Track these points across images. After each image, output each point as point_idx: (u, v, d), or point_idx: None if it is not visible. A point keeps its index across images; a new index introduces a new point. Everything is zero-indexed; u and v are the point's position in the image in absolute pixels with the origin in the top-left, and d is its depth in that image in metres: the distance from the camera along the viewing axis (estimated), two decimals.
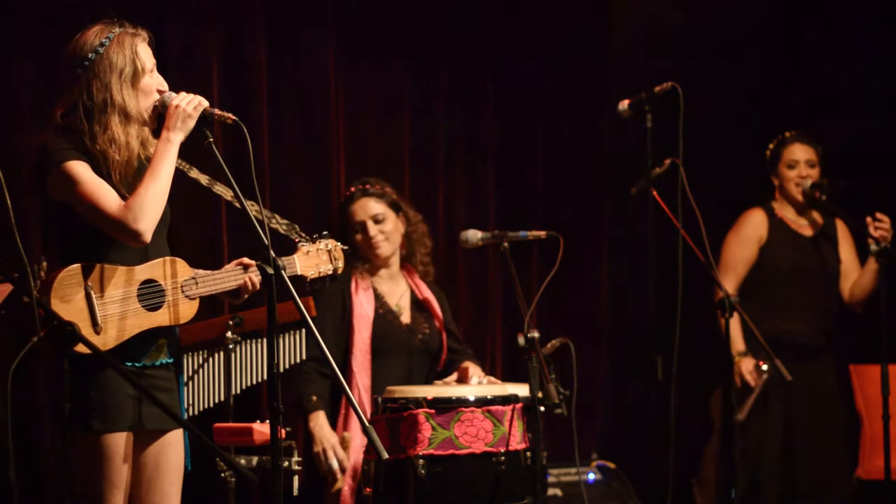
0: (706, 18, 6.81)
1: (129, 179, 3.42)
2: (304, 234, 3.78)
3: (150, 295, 3.42)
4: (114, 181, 3.40)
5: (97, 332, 3.31)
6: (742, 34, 6.74)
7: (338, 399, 4.82)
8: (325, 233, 3.81)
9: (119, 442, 3.38)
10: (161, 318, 3.42)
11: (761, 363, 5.21)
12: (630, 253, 5.74)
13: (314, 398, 4.74)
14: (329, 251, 3.76)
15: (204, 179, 3.72)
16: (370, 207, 4.95)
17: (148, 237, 3.37)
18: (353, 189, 5.04)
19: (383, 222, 4.94)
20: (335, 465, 4.68)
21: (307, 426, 4.77)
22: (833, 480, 5.52)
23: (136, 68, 3.45)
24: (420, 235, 5.09)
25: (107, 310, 3.34)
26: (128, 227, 3.33)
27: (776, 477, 5.46)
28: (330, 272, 3.75)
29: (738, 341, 5.43)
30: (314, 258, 3.73)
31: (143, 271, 3.42)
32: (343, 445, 4.70)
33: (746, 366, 5.37)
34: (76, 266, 3.33)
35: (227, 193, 3.65)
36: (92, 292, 3.32)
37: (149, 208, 3.34)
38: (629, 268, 6.16)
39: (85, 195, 3.34)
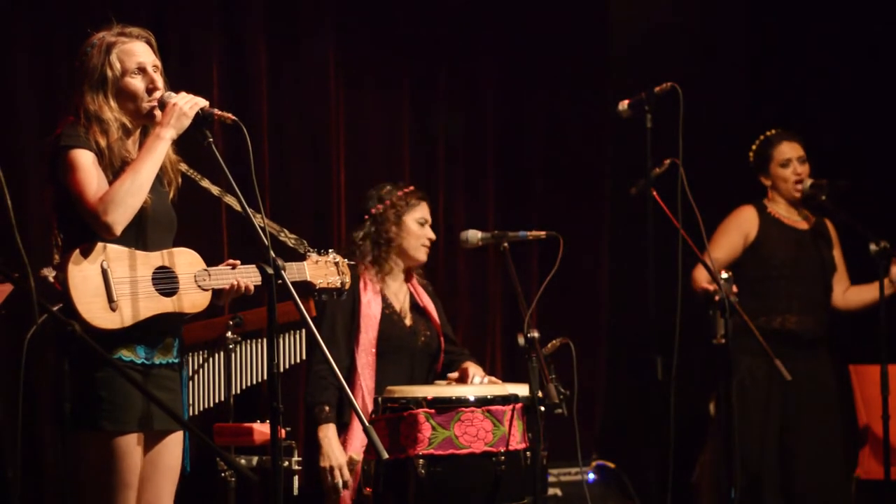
0: (705, 18, 6.83)
1: None
2: (311, 249, 3.83)
3: (165, 281, 3.44)
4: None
5: (113, 309, 3.32)
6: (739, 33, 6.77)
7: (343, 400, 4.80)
8: (332, 249, 3.86)
9: (131, 442, 3.39)
10: (174, 304, 3.44)
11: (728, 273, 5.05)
12: (630, 253, 5.73)
13: (327, 408, 4.67)
14: (337, 264, 3.82)
15: (215, 190, 3.74)
16: (428, 213, 4.97)
17: (118, 230, 3.34)
18: (413, 188, 4.98)
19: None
20: (339, 485, 4.63)
21: (316, 435, 4.71)
22: (831, 480, 5.51)
23: (104, 74, 3.44)
24: None
25: (122, 289, 3.35)
26: (98, 217, 3.32)
27: (774, 477, 5.45)
28: (338, 285, 3.81)
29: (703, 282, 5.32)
30: (322, 268, 3.78)
31: (159, 258, 3.44)
32: (349, 466, 4.65)
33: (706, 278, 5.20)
34: (96, 244, 3.34)
35: (236, 205, 3.65)
36: (108, 270, 3.33)
37: (120, 201, 3.33)
38: (629, 268, 6.16)
39: (74, 182, 3.35)
